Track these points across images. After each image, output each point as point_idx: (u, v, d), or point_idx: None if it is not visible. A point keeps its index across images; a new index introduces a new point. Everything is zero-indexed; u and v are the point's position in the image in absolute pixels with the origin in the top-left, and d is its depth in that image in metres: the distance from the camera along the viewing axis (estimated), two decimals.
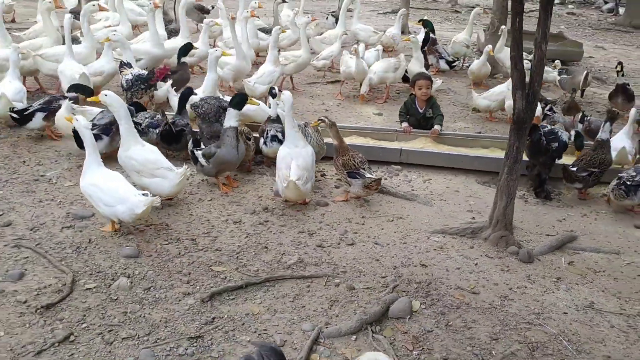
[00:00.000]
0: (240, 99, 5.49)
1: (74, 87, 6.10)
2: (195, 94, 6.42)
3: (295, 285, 4.18)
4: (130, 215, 4.48)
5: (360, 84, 8.83)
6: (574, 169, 5.91)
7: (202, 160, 5.45)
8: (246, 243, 4.69)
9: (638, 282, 4.60)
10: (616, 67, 8.76)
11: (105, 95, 5.06)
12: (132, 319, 3.69)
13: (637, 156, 6.38)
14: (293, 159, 5.17)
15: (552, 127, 6.38)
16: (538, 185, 6.06)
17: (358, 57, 8.53)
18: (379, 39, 11.37)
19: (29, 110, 6.12)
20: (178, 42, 8.44)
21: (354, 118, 8.03)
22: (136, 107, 6.27)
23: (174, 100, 6.76)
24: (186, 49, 7.61)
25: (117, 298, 3.87)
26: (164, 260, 4.35)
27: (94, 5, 8.14)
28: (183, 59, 7.55)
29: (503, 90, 7.85)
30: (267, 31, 10.37)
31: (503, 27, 10.12)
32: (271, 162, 5.95)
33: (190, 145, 5.71)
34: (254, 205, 5.34)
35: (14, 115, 6.08)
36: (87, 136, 4.69)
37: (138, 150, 5.04)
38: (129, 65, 7.17)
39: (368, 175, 5.41)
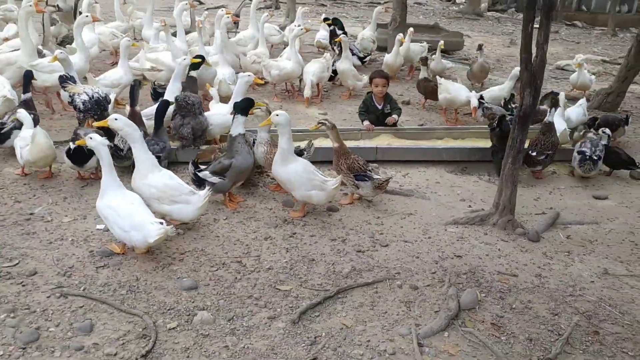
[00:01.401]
0: (246, 105, 5.39)
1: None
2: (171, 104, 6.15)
3: (364, 293, 4.29)
4: (143, 244, 4.32)
5: (292, 85, 9.06)
6: (534, 153, 6.61)
7: (212, 179, 5.26)
8: (291, 258, 4.68)
9: (626, 245, 5.35)
10: None
11: (116, 119, 4.73)
12: (238, 352, 3.58)
13: (576, 134, 7.29)
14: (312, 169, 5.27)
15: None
16: (500, 169, 6.65)
17: (297, 56, 8.66)
18: (281, 39, 11.55)
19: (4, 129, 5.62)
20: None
21: (304, 120, 8.13)
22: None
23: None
24: (198, 63, 7.22)
25: (208, 334, 3.72)
26: (225, 287, 4.23)
27: (87, 16, 7.71)
28: (192, 73, 7.10)
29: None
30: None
31: (411, 29, 10.73)
32: None
33: (190, 168, 5.46)
34: (272, 219, 5.31)
35: None
36: (104, 155, 4.42)
37: (156, 177, 4.78)
38: (73, 80, 6.62)
39: (376, 176, 5.62)
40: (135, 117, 5.92)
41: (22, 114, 5.75)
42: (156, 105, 6.47)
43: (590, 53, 15.91)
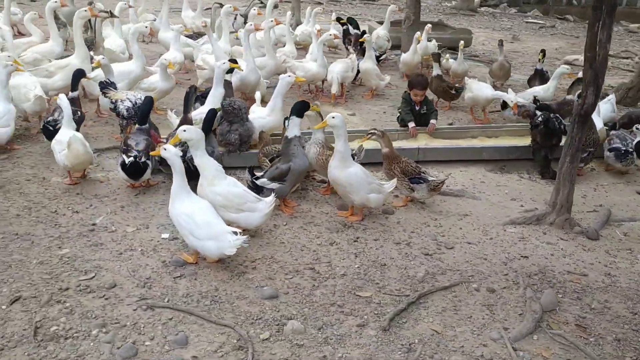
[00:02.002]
0: (302, 106, 5.35)
1: None
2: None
3: (444, 297, 4.28)
4: (218, 254, 4.27)
5: (316, 87, 9.06)
6: None
7: (272, 185, 5.21)
8: (362, 263, 4.65)
9: None
10: (539, 54, 9.83)
11: (184, 131, 4.68)
12: None
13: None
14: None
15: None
16: (545, 167, 6.72)
17: (323, 57, 8.63)
18: (294, 39, 11.51)
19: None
20: None
21: None
22: None
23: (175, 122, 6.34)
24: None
25: (303, 344, 3.68)
26: (305, 294, 4.19)
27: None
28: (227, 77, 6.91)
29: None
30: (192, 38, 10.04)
31: (429, 25, 10.72)
32: None
33: (247, 176, 5.39)
34: (332, 223, 5.27)
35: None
36: (177, 165, 4.38)
37: (223, 185, 4.72)
38: (114, 86, 6.53)
39: (431, 178, 5.61)
40: (185, 121, 5.84)
41: (62, 100, 5.66)
42: (202, 109, 6.43)
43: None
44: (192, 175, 5.33)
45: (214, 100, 6.42)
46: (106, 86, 6.40)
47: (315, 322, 3.90)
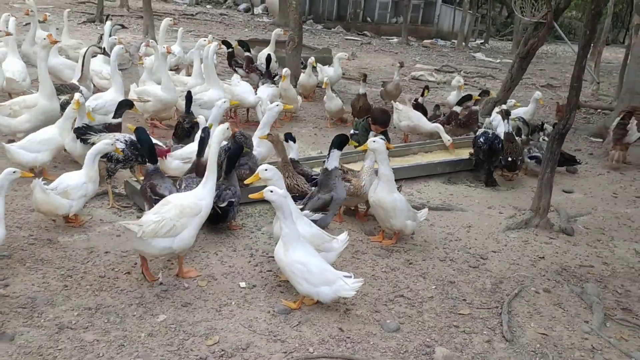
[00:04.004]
0: (342, 140, 5.46)
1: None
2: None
3: (520, 303, 4.82)
4: (333, 298, 4.34)
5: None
6: (510, 159, 7.74)
7: (314, 217, 5.21)
8: (435, 284, 4.98)
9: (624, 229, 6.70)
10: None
11: (266, 170, 4.53)
12: None
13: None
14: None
15: (492, 131, 7.96)
16: (489, 178, 7.70)
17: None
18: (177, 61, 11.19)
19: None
20: None
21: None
22: None
23: None
24: None
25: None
26: (420, 322, 4.39)
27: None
28: None
29: None
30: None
31: (312, 59, 11.15)
32: None
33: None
34: (373, 250, 5.49)
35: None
36: (285, 208, 4.30)
37: (302, 226, 4.66)
38: (93, 130, 5.90)
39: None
40: (199, 167, 5.53)
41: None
42: (191, 146, 6.13)
43: (420, 64, 18.09)
44: (219, 219, 5.16)
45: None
46: (85, 132, 5.71)
47: (452, 345, 4.16)
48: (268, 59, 10.37)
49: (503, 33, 37.25)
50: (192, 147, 6.10)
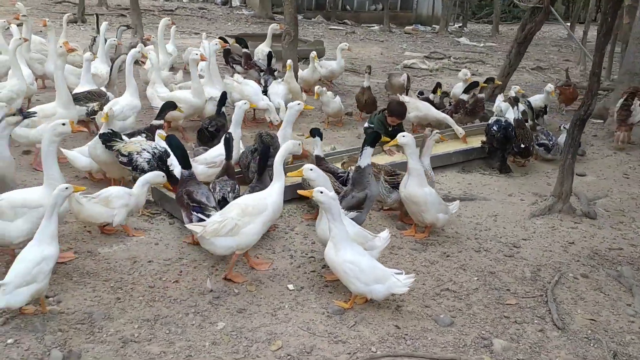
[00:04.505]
0: (375, 137, 5.45)
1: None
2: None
3: (562, 290, 4.91)
4: (385, 295, 4.37)
5: None
6: (523, 145, 7.83)
7: (350, 214, 5.21)
8: (477, 275, 5.03)
9: None
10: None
11: (311, 170, 4.55)
12: None
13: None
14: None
15: (505, 119, 8.02)
16: (502, 164, 7.78)
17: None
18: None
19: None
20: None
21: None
22: None
23: None
24: None
25: (523, 359, 4.00)
26: (471, 314, 4.45)
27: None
28: None
29: None
30: None
31: (313, 53, 11.09)
32: None
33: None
34: (408, 244, 5.52)
35: None
36: (334, 209, 4.33)
37: (346, 224, 4.67)
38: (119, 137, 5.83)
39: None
40: (230, 169, 5.50)
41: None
42: (215, 150, 6.09)
43: (409, 51, 18.12)
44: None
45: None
46: (110, 138, 5.63)
47: (507, 337, 4.22)
48: (270, 55, 10.29)
49: (479, 16, 37.45)
50: (216, 152, 6.06)
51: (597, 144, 9.31)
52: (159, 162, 5.63)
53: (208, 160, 6.00)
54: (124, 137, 5.77)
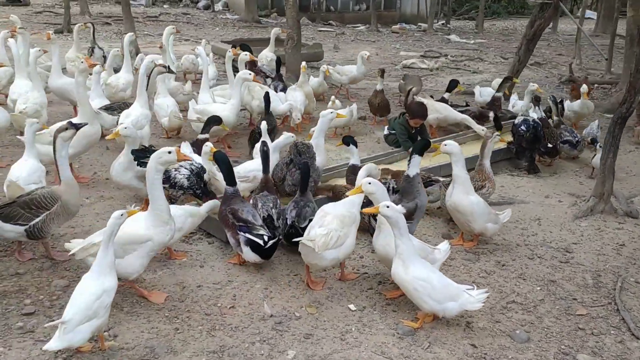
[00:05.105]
0: (423, 145, 5.24)
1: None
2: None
3: (628, 296, 4.74)
4: (459, 312, 4.16)
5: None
6: (551, 146, 7.69)
7: None
8: (538, 285, 4.84)
9: None
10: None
11: (369, 183, 4.31)
12: None
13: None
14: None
15: (532, 118, 7.86)
16: (531, 165, 7.63)
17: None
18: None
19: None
20: None
21: None
22: None
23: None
24: None
25: None
26: (543, 328, 4.26)
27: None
28: None
29: None
30: None
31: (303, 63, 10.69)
32: None
33: (367, 219, 5.12)
34: (460, 254, 5.31)
35: None
36: (402, 224, 4.14)
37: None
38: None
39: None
40: (268, 184, 5.24)
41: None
42: (249, 164, 5.85)
43: (404, 51, 17.95)
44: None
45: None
46: (144, 155, 5.32)
47: (588, 350, 4.03)
48: (278, 61, 10.04)
49: (459, 12, 37.45)
50: (249, 166, 5.83)
51: None
52: (197, 178, 5.36)
53: (241, 174, 5.72)
54: None
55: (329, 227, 4.39)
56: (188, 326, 4.02)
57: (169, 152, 4.21)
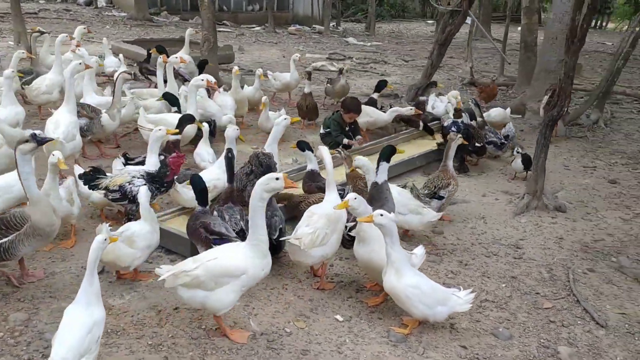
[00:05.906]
0: (390, 151, 5.27)
1: None
2: None
3: (583, 286, 5.09)
4: (448, 315, 4.27)
5: None
6: (479, 145, 8.09)
7: None
8: (504, 282, 5.06)
9: (606, 191, 7.30)
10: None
11: (355, 199, 4.25)
12: None
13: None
14: None
15: (460, 120, 8.19)
16: (461, 165, 7.98)
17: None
18: None
19: None
20: None
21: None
22: None
23: None
24: None
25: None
26: (519, 323, 4.47)
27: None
28: None
29: None
30: None
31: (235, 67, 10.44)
32: None
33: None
34: (440, 257, 5.43)
35: None
36: (395, 232, 4.13)
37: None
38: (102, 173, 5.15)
39: None
40: (234, 195, 5.05)
41: None
42: (211, 173, 5.64)
43: (309, 54, 18.05)
44: (275, 251, 4.79)
45: None
46: (93, 178, 4.92)
47: (565, 342, 4.27)
48: (202, 63, 9.72)
49: (346, 14, 38.31)
50: (207, 176, 5.55)
51: (527, 138, 9.85)
52: (153, 180, 5.07)
53: None
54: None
55: (315, 226, 4.51)
56: (177, 353, 3.77)
57: (277, 179, 3.85)
